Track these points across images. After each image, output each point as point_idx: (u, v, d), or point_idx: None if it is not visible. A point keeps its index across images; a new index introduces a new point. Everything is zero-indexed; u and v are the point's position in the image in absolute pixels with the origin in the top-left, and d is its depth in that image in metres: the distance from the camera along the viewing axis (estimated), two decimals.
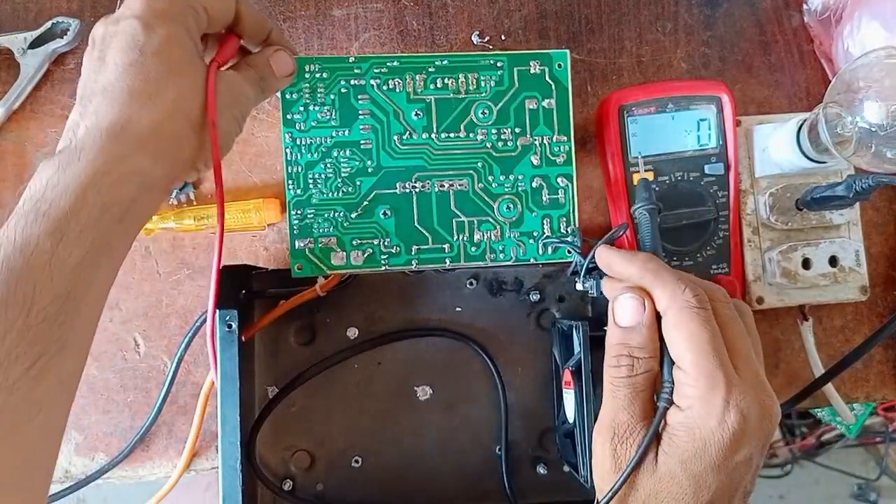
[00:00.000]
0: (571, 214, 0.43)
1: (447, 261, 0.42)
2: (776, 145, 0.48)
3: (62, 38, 0.48)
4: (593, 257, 0.39)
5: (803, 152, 0.46)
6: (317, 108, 0.41)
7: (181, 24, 0.33)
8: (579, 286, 0.43)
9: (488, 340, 0.46)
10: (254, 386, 0.45)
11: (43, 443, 0.29)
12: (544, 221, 0.43)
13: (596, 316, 0.47)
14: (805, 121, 0.46)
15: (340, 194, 0.41)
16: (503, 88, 0.42)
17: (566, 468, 0.46)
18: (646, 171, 0.47)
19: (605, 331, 0.43)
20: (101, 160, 0.30)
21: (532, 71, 0.43)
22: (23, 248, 0.28)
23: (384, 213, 0.41)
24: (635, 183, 0.47)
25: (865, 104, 0.41)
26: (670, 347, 0.32)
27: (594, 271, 0.43)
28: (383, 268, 0.42)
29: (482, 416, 0.46)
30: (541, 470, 0.46)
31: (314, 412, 0.45)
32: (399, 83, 0.42)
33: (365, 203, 0.41)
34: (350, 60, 0.41)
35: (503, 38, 0.52)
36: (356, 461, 0.45)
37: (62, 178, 0.29)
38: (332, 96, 0.41)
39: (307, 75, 0.41)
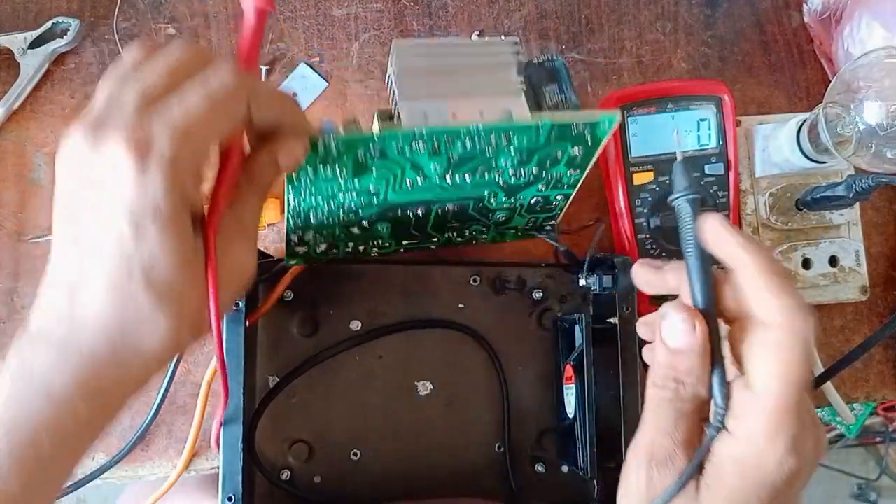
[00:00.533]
0: (556, 218, 0.43)
1: (433, 246, 0.44)
2: (776, 145, 0.48)
3: (62, 38, 0.48)
4: (593, 253, 0.38)
5: (803, 152, 0.46)
6: (328, 169, 0.35)
7: (182, 211, 0.27)
8: (582, 282, 0.43)
9: (490, 337, 0.46)
10: (255, 375, 0.45)
11: None
12: (529, 221, 0.43)
13: (597, 314, 0.47)
14: (805, 121, 0.46)
15: (341, 220, 0.39)
16: (538, 145, 0.37)
17: (564, 468, 0.46)
18: (646, 171, 0.47)
19: (607, 323, 0.43)
20: (83, 409, 0.27)
21: (574, 131, 0.36)
22: None
23: (382, 228, 0.41)
24: (635, 183, 0.47)
25: (865, 104, 0.41)
26: (754, 365, 0.28)
27: (597, 268, 0.43)
28: (373, 254, 0.43)
29: (482, 413, 0.46)
30: (539, 469, 0.46)
31: (314, 404, 0.45)
32: (423, 145, 0.35)
33: (365, 224, 0.40)
34: (375, 137, 0.33)
35: (503, 38, 0.52)
36: (355, 454, 0.45)
37: (34, 416, 0.26)
38: (345, 160, 0.34)
39: (320, 151, 0.33)
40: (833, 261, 0.48)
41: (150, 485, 0.49)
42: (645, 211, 0.47)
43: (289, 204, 0.37)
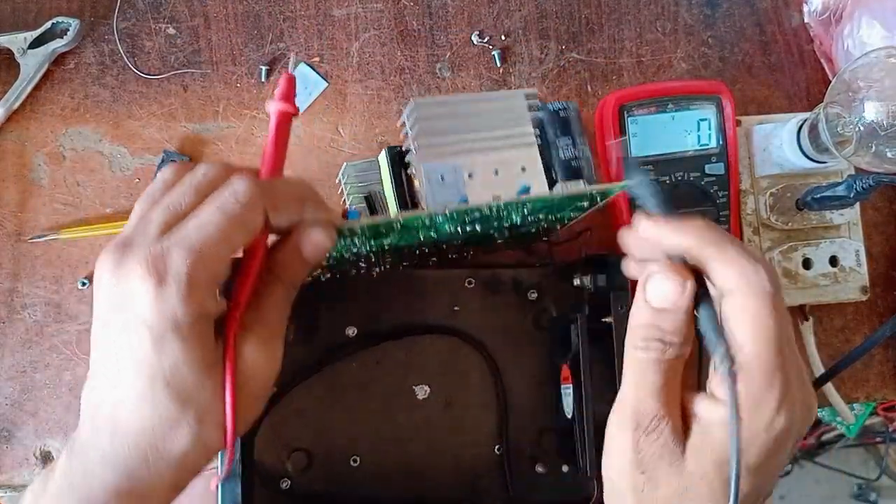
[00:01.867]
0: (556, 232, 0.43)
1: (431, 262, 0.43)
2: (776, 145, 0.48)
3: (62, 38, 0.48)
4: (585, 256, 0.38)
5: (803, 152, 0.46)
6: (347, 239, 0.35)
7: (202, 321, 0.28)
8: (577, 282, 0.43)
9: (486, 340, 0.46)
10: None
11: None
12: (528, 237, 0.43)
13: (593, 310, 0.47)
14: (805, 121, 0.46)
15: (350, 258, 0.39)
16: (549, 207, 0.37)
17: (565, 468, 0.46)
18: (645, 170, 0.47)
19: (602, 323, 0.43)
20: None
21: (586, 195, 0.37)
22: None
23: (388, 257, 0.41)
24: None
25: (865, 104, 0.41)
26: (732, 333, 0.28)
27: (592, 267, 0.43)
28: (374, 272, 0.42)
29: (480, 416, 0.46)
30: (539, 469, 0.46)
31: (312, 411, 0.45)
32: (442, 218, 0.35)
33: (372, 258, 0.40)
34: (397, 223, 0.34)
35: (503, 38, 0.52)
36: (354, 460, 0.45)
37: None
38: (366, 232, 0.34)
39: (345, 240, 0.34)
40: (833, 261, 0.48)
41: None
42: None
43: None
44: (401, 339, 0.46)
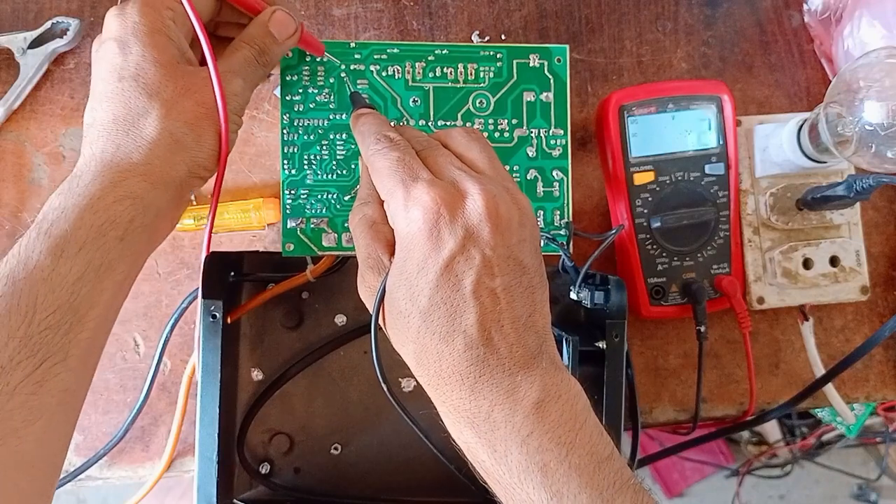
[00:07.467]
0: (566, 207, 0.43)
1: None
2: (776, 145, 0.48)
3: (62, 38, 0.48)
4: (588, 268, 0.38)
5: (804, 152, 0.46)
6: (315, 90, 0.42)
7: (160, 33, 0.34)
8: (573, 296, 0.42)
9: None
10: (237, 369, 0.45)
11: (42, 450, 0.30)
12: (538, 214, 0.43)
13: (588, 324, 0.46)
14: (805, 121, 0.46)
15: (335, 176, 0.42)
16: (501, 80, 0.43)
17: None
18: (646, 171, 0.47)
19: (595, 347, 0.42)
20: (96, 185, 0.32)
21: (531, 64, 0.43)
22: (26, 262, 0.30)
23: None
24: (636, 183, 0.47)
25: (866, 104, 0.41)
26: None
27: (589, 281, 0.43)
28: None
29: None
30: None
31: (296, 396, 0.45)
32: (398, 70, 0.42)
33: (359, 186, 0.41)
34: (351, 46, 0.42)
35: (503, 37, 0.52)
36: (335, 448, 0.45)
37: (62, 202, 0.32)
38: (331, 80, 0.42)
39: (307, 58, 0.42)
40: (833, 261, 0.48)
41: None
42: (645, 211, 0.47)
43: (283, 141, 0.42)
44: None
